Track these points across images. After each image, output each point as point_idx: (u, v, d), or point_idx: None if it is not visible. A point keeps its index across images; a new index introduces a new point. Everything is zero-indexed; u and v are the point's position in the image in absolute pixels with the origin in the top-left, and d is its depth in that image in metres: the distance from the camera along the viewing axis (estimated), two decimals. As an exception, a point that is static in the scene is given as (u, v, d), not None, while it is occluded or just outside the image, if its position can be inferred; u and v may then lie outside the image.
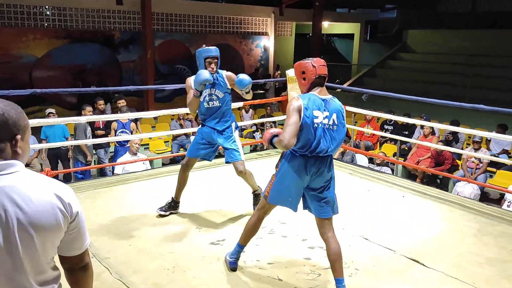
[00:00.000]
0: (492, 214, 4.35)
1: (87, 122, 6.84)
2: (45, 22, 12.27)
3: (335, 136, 2.74)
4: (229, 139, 3.83)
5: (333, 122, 2.73)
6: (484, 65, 14.57)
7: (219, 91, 3.82)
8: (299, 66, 2.86)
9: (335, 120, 2.74)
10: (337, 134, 2.74)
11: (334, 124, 2.73)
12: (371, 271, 3.19)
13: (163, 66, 14.53)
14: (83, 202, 4.34)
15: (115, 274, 3.04)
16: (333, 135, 2.72)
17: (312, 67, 2.79)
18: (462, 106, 4.87)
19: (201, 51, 3.77)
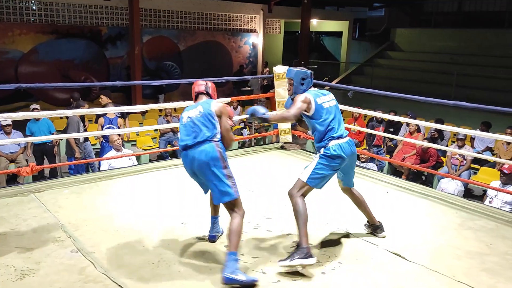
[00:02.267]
0: (473, 209, 4.43)
1: (80, 119, 6.81)
2: (31, 17, 12.15)
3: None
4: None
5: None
6: (469, 64, 14.75)
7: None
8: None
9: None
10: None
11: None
12: (353, 265, 3.23)
13: (151, 63, 14.47)
14: (68, 197, 4.34)
15: (100, 268, 3.05)
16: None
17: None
18: (445, 103, 4.94)
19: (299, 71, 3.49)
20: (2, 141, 6.13)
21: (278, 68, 6.38)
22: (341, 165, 3.35)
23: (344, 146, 3.31)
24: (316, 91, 3.45)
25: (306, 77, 3.41)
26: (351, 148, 3.36)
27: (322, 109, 3.35)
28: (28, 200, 4.22)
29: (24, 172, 4.61)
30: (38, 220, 3.79)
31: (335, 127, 3.34)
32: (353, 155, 3.43)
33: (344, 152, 3.29)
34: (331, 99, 3.46)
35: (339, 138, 3.32)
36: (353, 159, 3.49)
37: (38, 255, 3.20)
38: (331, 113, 3.37)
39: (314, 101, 3.33)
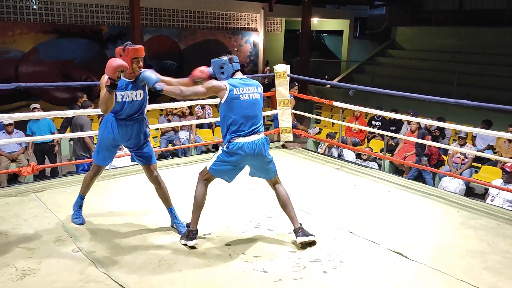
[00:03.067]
0: (475, 208, 4.42)
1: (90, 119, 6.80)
2: (32, 16, 12.14)
3: None
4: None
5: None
6: (470, 63, 14.72)
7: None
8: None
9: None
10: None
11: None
12: (355, 264, 3.23)
13: (152, 62, 14.46)
14: (69, 196, 4.33)
15: (100, 268, 3.04)
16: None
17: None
18: (447, 101, 4.93)
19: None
20: (4, 141, 6.13)
21: (279, 66, 6.37)
22: (241, 163, 3.35)
23: (246, 146, 3.25)
24: (240, 80, 3.35)
25: (223, 65, 3.34)
26: (256, 149, 3.28)
27: (237, 100, 3.25)
28: (29, 199, 4.22)
29: (25, 172, 4.61)
30: (39, 219, 3.78)
31: (244, 123, 3.27)
32: (258, 156, 3.33)
33: (244, 151, 3.26)
34: (254, 92, 3.35)
35: (246, 136, 3.27)
36: (260, 160, 3.39)
37: (39, 254, 3.20)
38: (245, 107, 3.27)
39: (229, 89, 3.24)
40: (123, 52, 3.34)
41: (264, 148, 3.36)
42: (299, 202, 4.31)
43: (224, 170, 3.36)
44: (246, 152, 3.26)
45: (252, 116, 3.32)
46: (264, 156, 3.38)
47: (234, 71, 3.36)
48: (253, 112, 3.33)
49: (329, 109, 12.73)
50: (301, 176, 5.19)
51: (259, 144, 3.31)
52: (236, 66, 3.37)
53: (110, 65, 3.15)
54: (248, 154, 3.28)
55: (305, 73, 14.51)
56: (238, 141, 3.26)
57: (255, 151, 3.28)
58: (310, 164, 5.85)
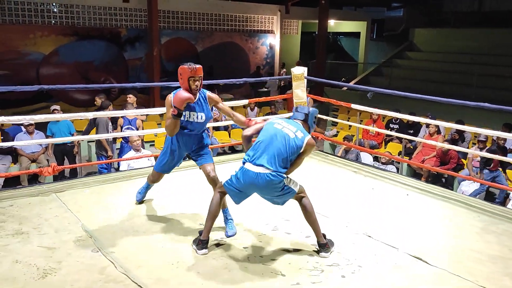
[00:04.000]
0: (496, 213, 4.34)
1: (108, 118, 6.90)
2: (52, 19, 12.36)
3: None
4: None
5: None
6: (490, 64, 14.47)
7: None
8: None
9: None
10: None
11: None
12: (374, 268, 3.20)
13: (169, 64, 14.58)
14: (89, 197, 4.39)
15: (120, 268, 3.07)
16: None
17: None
18: (467, 104, 4.85)
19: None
20: (24, 142, 6.25)
21: (296, 69, 6.36)
22: (241, 188, 3.25)
23: (246, 173, 3.19)
24: (290, 120, 3.45)
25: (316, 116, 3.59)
26: (253, 180, 3.17)
27: (269, 126, 3.34)
28: (50, 199, 4.29)
29: (46, 172, 4.68)
30: (60, 219, 3.84)
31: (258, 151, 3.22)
32: (255, 186, 3.21)
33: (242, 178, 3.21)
34: (291, 130, 3.29)
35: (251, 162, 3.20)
36: (259, 189, 3.26)
37: (60, 254, 3.25)
38: (267, 137, 3.25)
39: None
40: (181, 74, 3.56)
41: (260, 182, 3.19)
42: (316, 206, 4.29)
43: (236, 192, 3.33)
44: (244, 179, 3.21)
45: (271, 151, 3.20)
46: (263, 188, 3.25)
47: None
48: (274, 149, 3.20)
49: (346, 112, 12.65)
50: (318, 179, 5.17)
51: (258, 177, 3.16)
52: (296, 116, 3.49)
53: (179, 98, 3.40)
54: (245, 183, 3.21)
55: (321, 75, 14.47)
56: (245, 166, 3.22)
57: (250, 181, 3.19)
58: (327, 167, 5.82)
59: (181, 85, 3.54)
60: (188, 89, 3.50)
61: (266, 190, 3.23)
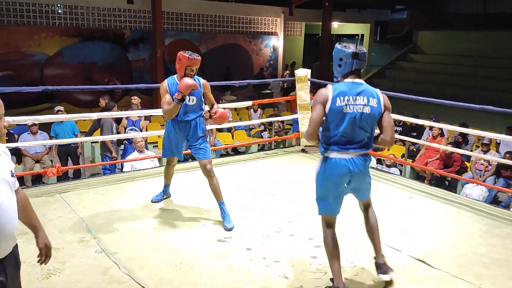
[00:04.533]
0: (499, 216, 4.33)
1: (113, 119, 6.93)
2: (57, 20, 12.39)
3: None
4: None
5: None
6: (494, 67, 14.45)
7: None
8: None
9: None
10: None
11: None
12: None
13: (173, 65, 14.59)
14: (93, 198, 4.40)
15: (123, 269, 3.08)
16: None
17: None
18: (471, 107, 4.85)
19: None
20: (28, 143, 6.27)
21: (300, 71, 6.37)
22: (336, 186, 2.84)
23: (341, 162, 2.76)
24: (348, 85, 2.73)
25: (343, 57, 2.75)
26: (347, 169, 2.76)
27: (339, 111, 2.69)
28: (54, 200, 4.30)
29: (50, 173, 4.70)
30: (64, 220, 3.86)
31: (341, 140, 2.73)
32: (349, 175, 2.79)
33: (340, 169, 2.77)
34: (365, 104, 2.70)
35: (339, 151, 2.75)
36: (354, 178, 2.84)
37: (64, 255, 3.26)
38: (347, 121, 2.69)
39: (331, 99, 2.68)
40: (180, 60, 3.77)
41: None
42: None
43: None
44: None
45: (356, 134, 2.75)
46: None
47: (354, 70, 2.76)
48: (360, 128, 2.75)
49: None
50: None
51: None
52: (359, 65, 2.77)
53: (185, 84, 3.61)
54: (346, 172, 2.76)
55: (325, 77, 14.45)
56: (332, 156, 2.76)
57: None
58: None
59: (177, 70, 3.79)
60: (182, 75, 3.74)
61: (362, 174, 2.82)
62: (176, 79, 3.87)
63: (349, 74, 2.77)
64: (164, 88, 3.84)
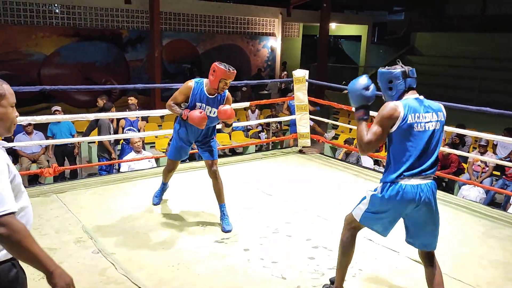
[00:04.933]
0: (497, 218, 4.34)
1: (110, 120, 6.90)
2: (54, 20, 12.37)
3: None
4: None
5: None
6: (493, 69, 14.49)
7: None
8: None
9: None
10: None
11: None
12: (374, 272, 3.19)
13: (171, 66, 14.60)
14: (89, 198, 4.39)
15: (120, 270, 3.07)
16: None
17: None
18: (469, 109, 4.86)
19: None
20: (25, 143, 6.25)
21: (297, 72, 6.36)
22: (396, 213, 2.60)
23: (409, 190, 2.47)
24: (417, 101, 2.53)
25: (393, 79, 2.58)
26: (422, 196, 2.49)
27: (411, 131, 2.45)
28: (51, 200, 4.28)
29: (47, 173, 4.68)
30: (60, 220, 3.84)
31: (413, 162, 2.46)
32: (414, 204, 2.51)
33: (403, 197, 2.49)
34: (433, 120, 2.51)
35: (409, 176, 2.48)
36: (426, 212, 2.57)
37: (60, 255, 3.24)
38: (419, 141, 2.46)
39: (404, 114, 2.44)
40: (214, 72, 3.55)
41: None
42: (317, 209, 4.30)
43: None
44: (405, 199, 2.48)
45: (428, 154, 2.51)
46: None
47: (407, 89, 2.58)
48: (432, 147, 2.52)
49: (347, 115, 12.66)
50: (319, 182, 5.17)
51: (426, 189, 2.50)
52: (412, 83, 2.60)
53: (196, 120, 3.47)
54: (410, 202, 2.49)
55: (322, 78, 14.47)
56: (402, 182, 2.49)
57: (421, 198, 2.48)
58: (328, 170, 5.81)
59: (210, 81, 3.56)
60: (215, 88, 3.56)
61: (428, 206, 2.53)
62: (204, 86, 3.64)
63: (404, 94, 2.58)
64: (186, 88, 3.64)
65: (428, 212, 2.55)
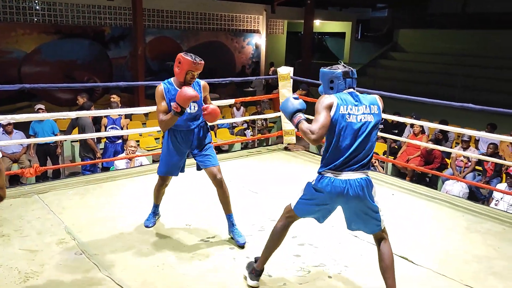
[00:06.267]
0: (480, 212, 4.39)
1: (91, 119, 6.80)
2: (35, 17, 12.14)
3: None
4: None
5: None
6: (474, 66, 14.70)
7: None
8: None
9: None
10: None
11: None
12: (360, 268, 3.20)
13: (154, 63, 14.46)
14: (72, 198, 4.32)
15: (104, 271, 3.02)
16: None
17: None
18: (452, 105, 4.90)
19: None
20: (4, 142, 6.12)
21: (282, 69, 6.36)
22: (325, 203, 2.67)
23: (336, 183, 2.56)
24: (350, 95, 2.61)
25: (334, 79, 2.63)
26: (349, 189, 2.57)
27: (341, 121, 2.53)
28: (32, 201, 4.20)
29: (28, 173, 4.59)
30: (42, 221, 3.77)
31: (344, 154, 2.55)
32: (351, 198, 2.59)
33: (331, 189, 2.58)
34: (366, 113, 2.57)
35: (339, 169, 2.57)
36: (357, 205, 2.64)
37: (42, 257, 3.18)
38: (350, 134, 2.53)
39: (337, 104, 2.53)
40: (180, 64, 3.28)
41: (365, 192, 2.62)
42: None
43: (308, 209, 2.76)
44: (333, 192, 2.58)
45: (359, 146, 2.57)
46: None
47: (347, 89, 2.64)
48: (364, 141, 2.58)
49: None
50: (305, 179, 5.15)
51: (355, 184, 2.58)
52: (352, 83, 2.66)
53: (184, 95, 3.12)
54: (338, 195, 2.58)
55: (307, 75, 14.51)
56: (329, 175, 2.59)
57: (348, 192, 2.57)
58: (314, 166, 5.81)
59: (176, 74, 3.30)
60: (181, 81, 3.28)
61: (357, 201, 2.62)
62: (173, 83, 3.35)
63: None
64: (159, 94, 3.31)
65: (358, 205, 2.64)
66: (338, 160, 2.55)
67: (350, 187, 2.55)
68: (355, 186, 2.56)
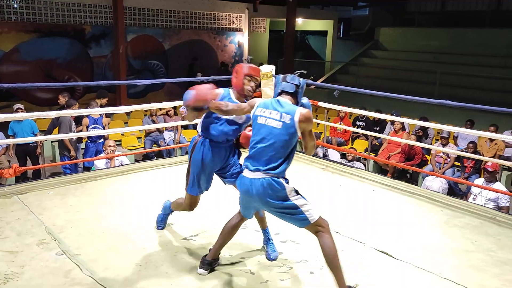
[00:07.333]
0: (458, 207, 4.49)
1: (71, 118, 6.71)
2: (13, 15, 11.93)
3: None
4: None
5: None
6: (452, 63, 14.95)
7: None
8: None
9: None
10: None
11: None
12: (341, 263, 3.23)
13: (136, 62, 14.35)
14: (53, 199, 4.27)
15: (85, 271, 3.00)
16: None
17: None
18: (430, 102, 4.99)
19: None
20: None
21: (264, 67, 6.36)
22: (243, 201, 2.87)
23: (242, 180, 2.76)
24: (273, 101, 2.79)
25: (276, 83, 2.88)
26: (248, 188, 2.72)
27: (254, 122, 2.80)
28: (11, 202, 4.14)
29: (7, 174, 4.52)
30: (22, 222, 3.72)
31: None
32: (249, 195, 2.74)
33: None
34: (276, 119, 2.70)
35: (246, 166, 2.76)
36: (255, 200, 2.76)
37: (22, 258, 3.14)
38: (259, 134, 2.73)
39: (257, 105, 2.81)
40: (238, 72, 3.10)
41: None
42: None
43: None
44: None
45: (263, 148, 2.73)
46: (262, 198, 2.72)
47: (280, 92, 2.83)
48: (267, 144, 2.72)
49: (314, 110, 12.79)
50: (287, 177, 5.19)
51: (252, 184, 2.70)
52: (285, 87, 2.81)
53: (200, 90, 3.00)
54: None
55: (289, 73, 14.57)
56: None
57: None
58: (295, 164, 5.83)
59: (234, 85, 3.11)
60: (240, 88, 3.07)
61: (263, 200, 2.71)
62: (231, 94, 3.14)
63: (278, 95, 2.84)
64: (216, 94, 3.09)
65: (266, 207, 2.78)
66: (247, 158, 2.77)
67: (253, 186, 2.70)
68: (257, 187, 2.69)
